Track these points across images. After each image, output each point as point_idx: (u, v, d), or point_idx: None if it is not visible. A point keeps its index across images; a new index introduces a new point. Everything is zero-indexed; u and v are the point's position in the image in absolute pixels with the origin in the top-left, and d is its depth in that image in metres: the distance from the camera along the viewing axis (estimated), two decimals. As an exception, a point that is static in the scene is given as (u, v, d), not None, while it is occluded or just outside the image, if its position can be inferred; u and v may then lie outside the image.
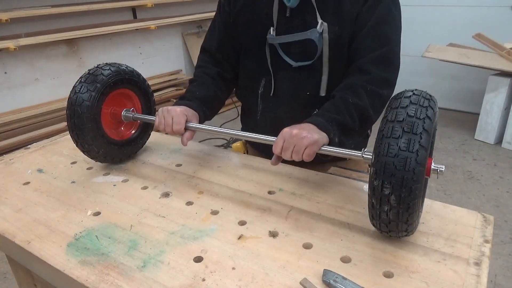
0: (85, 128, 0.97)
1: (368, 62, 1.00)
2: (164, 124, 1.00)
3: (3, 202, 0.94)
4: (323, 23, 1.02)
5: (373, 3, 1.01)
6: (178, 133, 1.01)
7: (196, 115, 1.07)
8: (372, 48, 1.01)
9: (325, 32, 1.02)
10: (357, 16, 1.02)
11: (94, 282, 0.68)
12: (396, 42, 1.03)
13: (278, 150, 0.87)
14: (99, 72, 1.00)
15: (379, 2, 1.01)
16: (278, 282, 0.66)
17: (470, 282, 0.65)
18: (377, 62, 1.00)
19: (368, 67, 1.00)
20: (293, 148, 0.85)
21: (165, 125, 1.00)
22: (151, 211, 0.88)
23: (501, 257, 2.09)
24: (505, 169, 3.02)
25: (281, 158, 0.90)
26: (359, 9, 1.02)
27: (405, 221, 0.67)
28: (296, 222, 0.83)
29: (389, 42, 1.02)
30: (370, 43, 1.01)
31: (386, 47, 1.01)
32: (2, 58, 3.00)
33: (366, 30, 1.01)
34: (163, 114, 1.01)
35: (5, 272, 2.08)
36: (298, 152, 0.85)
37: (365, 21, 1.02)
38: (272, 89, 1.13)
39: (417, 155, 0.63)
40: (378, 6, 1.01)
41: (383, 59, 1.01)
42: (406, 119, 0.65)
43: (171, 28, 4.25)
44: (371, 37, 1.01)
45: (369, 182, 0.67)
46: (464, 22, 3.92)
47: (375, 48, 1.01)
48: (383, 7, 1.01)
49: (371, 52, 1.01)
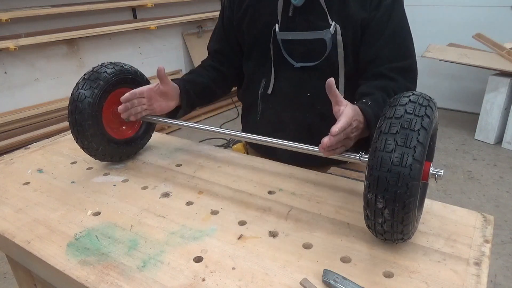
0: (85, 124, 0.97)
1: (392, 70, 1.01)
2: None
3: (3, 202, 0.94)
4: (336, 24, 1.01)
5: (386, 11, 1.01)
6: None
7: (175, 86, 1.07)
8: (394, 58, 1.01)
9: (338, 34, 1.02)
10: (369, 23, 1.01)
11: (94, 282, 0.68)
12: (414, 52, 1.05)
13: (337, 131, 0.74)
14: (103, 70, 1.01)
15: (392, 10, 1.01)
16: (278, 282, 0.66)
17: (470, 282, 0.65)
18: (401, 72, 1.01)
19: (393, 75, 1.00)
20: (343, 140, 0.80)
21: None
22: (151, 211, 0.88)
23: (501, 257, 2.09)
24: (505, 169, 3.02)
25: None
26: (369, 15, 1.01)
27: (400, 231, 0.67)
28: (296, 222, 0.83)
29: (411, 54, 1.04)
30: (390, 53, 1.02)
31: (409, 59, 1.03)
32: (2, 58, 3.00)
33: (384, 40, 1.01)
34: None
35: (5, 272, 2.08)
36: (338, 145, 0.80)
37: (380, 29, 1.01)
38: (271, 87, 1.13)
39: (410, 169, 0.61)
40: (392, 14, 1.01)
41: (407, 70, 1.02)
42: (399, 131, 0.63)
43: (171, 28, 4.25)
44: (391, 47, 1.02)
45: (364, 194, 0.67)
46: (464, 22, 3.92)
47: (396, 58, 1.01)
48: (396, 15, 1.02)
49: (393, 61, 1.01)
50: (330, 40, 1.02)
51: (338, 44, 1.03)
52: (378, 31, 1.02)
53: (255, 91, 1.18)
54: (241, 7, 1.14)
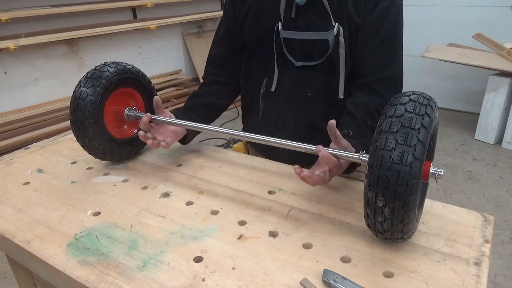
0: (86, 122, 0.97)
1: (378, 82, 1.03)
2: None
3: (3, 202, 0.94)
4: (339, 26, 1.01)
5: (380, 15, 1.01)
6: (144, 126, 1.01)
7: (172, 115, 1.09)
8: (381, 66, 1.03)
9: (340, 35, 1.02)
10: (363, 26, 1.02)
11: (94, 282, 0.68)
12: (401, 57, 1.06)
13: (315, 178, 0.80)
14: (105, 69, 1.01)
15: (387, 15, 1.01)
16: (278, 282, 0.66)
17: (470, 282, 0.65)
18: (387, 82, 1.03)
19: (379, 88, 1.03)
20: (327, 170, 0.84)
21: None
22: (151, 211, 0.88)
23: (501, 257, 2.09)
24: (505, 169, 3.03)
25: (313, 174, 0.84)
26: (364, 19, 1.01)
27: (400, 230, 0.67)
28: (296, 222, 0.83)
29: (398, 61, 1.05)
30: (379, 60, 1.03)
31: (394, 66, 1.04)
32: (2, 58, 3.00)
33: (374, 45, 1.02)
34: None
35: (5, 272, 2.08)
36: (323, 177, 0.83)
37: (371, 35, 1.02)
38: (275, 86, 1.13)
39: (410, 168, 0.61)
40: (385, 19, 1.01)
41: (391, 80, 1.04)
42: (400, 129, 0.63)
43: (171, 28, 4.25)
44: (379, 54, 1.02)
45: (364, 192, 0.67)
46: (464, 22, 3.92)
47: (384, 66, 1.03)
48: (390, 21, 1.02)
49: (380, 70, 1.03)
50: (333, 40, 1.02)
51: (340, 45, 1.03)
52: (369, 37, 1.02)
53: (256, 91, 1.18)
54: (243, 8, 1.14)
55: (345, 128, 0.96)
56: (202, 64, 4.24)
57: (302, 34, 1.05)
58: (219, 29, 1.24)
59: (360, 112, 1.00)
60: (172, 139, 1.06)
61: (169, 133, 1.07)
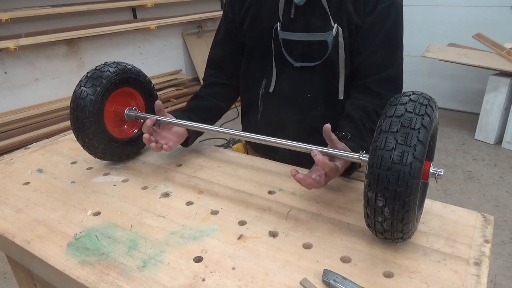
0: (87, 122, 0.97)
1: (378, 84, 1.03)
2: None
3: (3, 202, 0.94)
4: (338, 27, 1.01)
5: (380, 15, 1.00)
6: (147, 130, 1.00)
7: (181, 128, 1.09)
8: (381, 67, 1.02)
9: (340, 36, 1.02)
10: (363, 26, 1.01)
11: (94, 282, 0.68)
12: (401, 58, 1.06)
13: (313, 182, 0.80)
14: (106, 69, 1.01)
15: (387, 16, 1.01)
16: (278, 282, 0.66)
17: (470, 282, 0.65)
18: (386, 83, 1.03)
19: (379, 90, 1.02)
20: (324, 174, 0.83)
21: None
22: (151, 211, 0.88)
23: (501, 257, 2.09)
24: (505, 169, 3.03)
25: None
26: (364, 19, 1.01)
27: (400, 230, 0.67)
28: (296, 222, 0.83)
29: (398, 61, 1.04)
30: (378, 61, 1.02)
31: (394, 67, 1.03)
32: (2, 58, 3.00)
33: (374, 46, 1.02)
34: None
35: (5, 272, 2.08)
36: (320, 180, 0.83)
37: (371, 36, 1.01)
38: (273, 86, 1.13)
39: (410, 168, 0.61)
40: (385, 20, 1.01)
41: (391, 80, 1.03)
42: (400, 129, 0.63)
43: (171, 28, 4.25)
44: (379, 55, 1.02)
45: (364, 192, 0.67)
46: (464, 22, 3.92)
47: (383, 67, 1.02)
48: (390, 21, 1.01)
49: (380, 71, 1.02)
50: (332, 41, 1.02)
51: (340, 46, 1.03)
52: (369, 37, 1.02)
53: (255, 92, 1.18)
54: (242, 8, 1.14)
55: (343, 131, 0.96)
56: (202, 64, 4.25)
57: (300, 35, 1.05)
58: (219, 30, 1.24)
59: (359, 114, 1.00)
60: (174, 143, 1.06)
61: (171, 137, 1.07)
